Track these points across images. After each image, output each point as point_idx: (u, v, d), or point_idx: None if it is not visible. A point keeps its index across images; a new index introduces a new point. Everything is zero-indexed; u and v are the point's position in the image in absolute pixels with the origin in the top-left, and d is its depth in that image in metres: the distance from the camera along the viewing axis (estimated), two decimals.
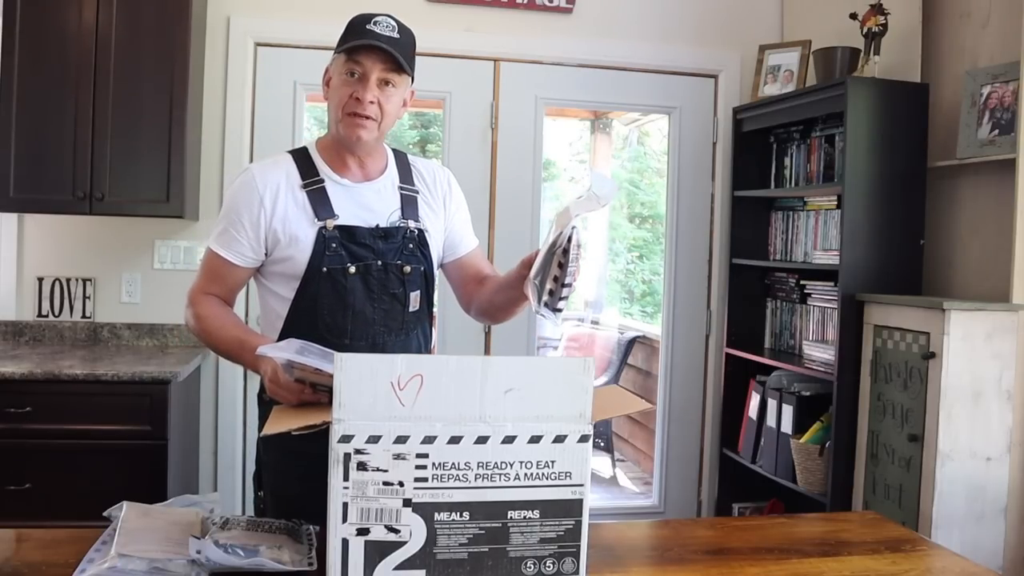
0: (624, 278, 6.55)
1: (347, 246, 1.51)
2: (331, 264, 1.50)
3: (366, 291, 1.52)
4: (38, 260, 2.90)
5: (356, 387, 0.97)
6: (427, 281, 1.60)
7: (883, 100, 2.60)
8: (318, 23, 3.00)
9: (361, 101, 1.48)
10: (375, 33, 1.46)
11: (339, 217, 1.52)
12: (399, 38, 1.49)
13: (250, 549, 1.18)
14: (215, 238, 1.54)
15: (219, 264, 1.54)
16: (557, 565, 1.05)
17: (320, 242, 1.50)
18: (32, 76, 2.58)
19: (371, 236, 1.53)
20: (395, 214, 1.57)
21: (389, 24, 1.49)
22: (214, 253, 1.54)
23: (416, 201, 1.60)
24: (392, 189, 1.59)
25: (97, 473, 2.36)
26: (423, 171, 1.65)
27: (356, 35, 1.48)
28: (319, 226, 1.50)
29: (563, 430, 1.03)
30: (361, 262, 1.51)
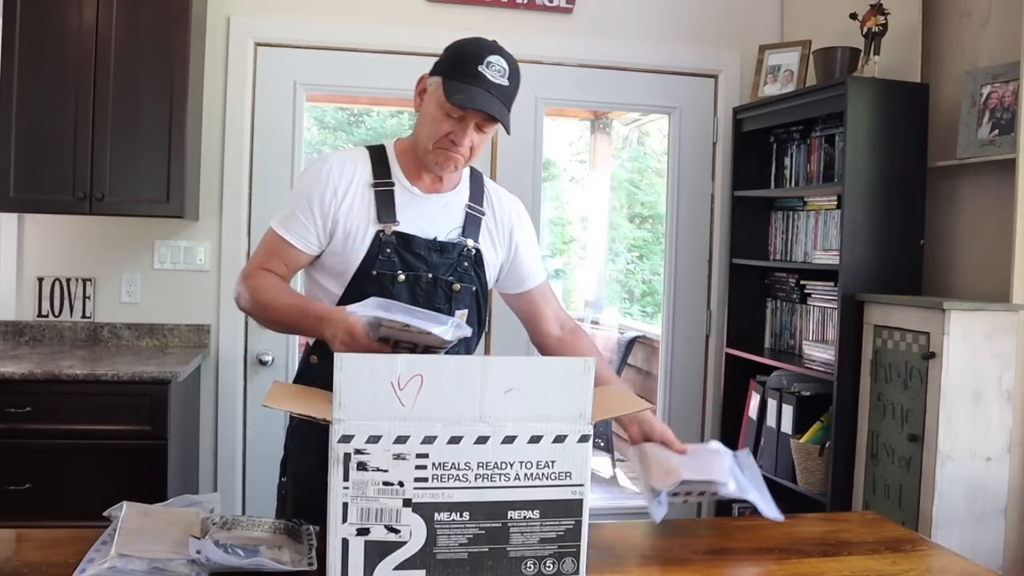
0: (624, 278, 6.55)
1: (401, 253, 1.50)
2: (382, 268, 1.50)
3: (412, 300, 1.51)
4: (38, 260, 2.90)
5: (356, 387, 0.97)
6: (478, 301, 1.59)
7: (883, 100, 2.60)
8: (318, 23, 3.00)
9: (456, 144, 1.47)
10: (484, 79, 1.43)
11: (400, 223, 1.51)
12: (507, 85, 1.46)
13: (250, 549, 1.18)
14: (280, 220, 1.54)
15: (279, 245, 1.53)
16: (557, 565, 1.05)
17: (376, 244, 1.50)
18: (32, 76, 2.58)
19: (427, 248, 1.52)
20: (455, 231, 1.56)
21: (500, 68, 1.45)
22: (276, 234, 1.53)
23: (480, 223, 1.60)
24: (459, 206, 1.58)
25: (97, 473, 2.36)
26: (494, 197, 1.64)
27: (463, 76, 1.44)
28: (378, 229, 1.50)
29: (563, 430, 1.03)
30: (412, 272, 1.51)
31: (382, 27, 3.04)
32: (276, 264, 1.54)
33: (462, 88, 1.43)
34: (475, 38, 1.51)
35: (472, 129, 1.47)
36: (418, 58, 3.07)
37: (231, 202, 2.97)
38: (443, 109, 1.46)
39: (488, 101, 1.44)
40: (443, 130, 1.47)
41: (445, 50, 1.53)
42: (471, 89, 1.43)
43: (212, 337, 2.97)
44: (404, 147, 1.58)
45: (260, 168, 3.02)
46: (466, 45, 1.48)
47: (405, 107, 5.41)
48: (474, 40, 1.50)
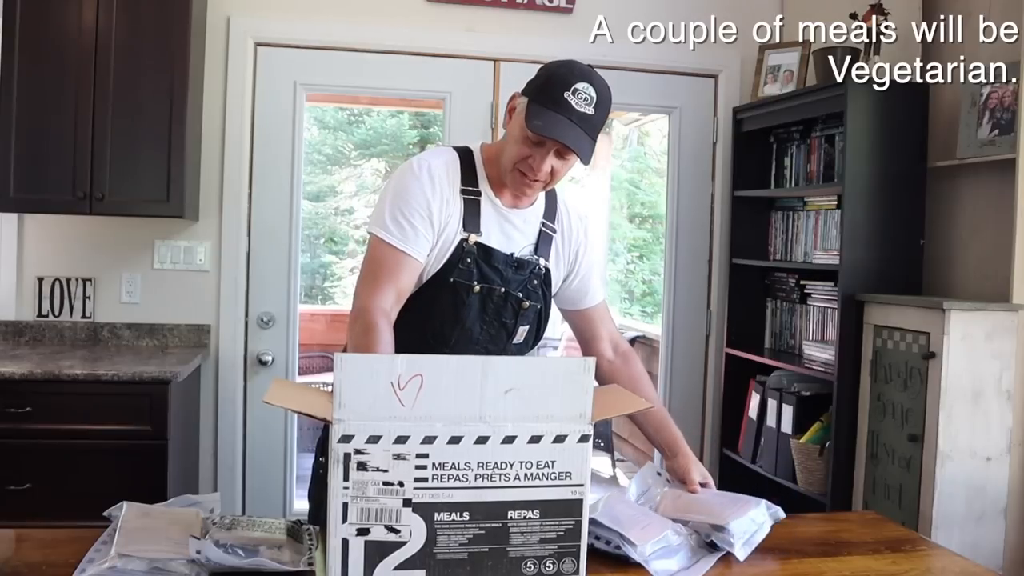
0: (624, 278, 6.55)
1: (480, 265, 1.49)
2: (459, 277, 1.48)
3: (481, 312, 1.51)
4: (38, 260, 2.90)
5: (356, 387, 0.97)
6: (540, 320, 1.59)
7: (883, 100, 2.60)
8: (318, 23, 3.00)
9: (534, 169, 1.45)
10: (569, 107, 1.39)
11: (483, 235, 1.50)
12: (592, 114, 1.41)
13: (250, 549, 1.18)
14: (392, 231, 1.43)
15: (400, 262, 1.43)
16: (557, 565, 1.05)
17: (458, 253, 1.48)
18: (32, 76, 2.58)
19: (504, 263, 1.51)
20: (529, 248, 1.55)
21: (587, 96, 1.40)
22: (393, 248, 1.43)
23: (551, 241, 1.59)
24: (535, 222, 1.57)
25: (97, 473, 2.36)
26: (564, 213, 1.62)
27: (548, 102, 1.41)
28: (462, 237, 1.48)
29: (563, 430, 1.03)
30: (487, 284, 1.50)
31: (382, 27, 3.04)
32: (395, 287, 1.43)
33: (543, 114, 1.40)
34: (569, 62, 1.46)
35: (552, 156, 1.44)
36: (418, 58, 3.09)
37: (231, 202, 2.97)
38: (524, 133, 1.43)
39: (566, 130, 1.40)
40: (523, 153, 1.44)
41: (540, 70, 1.49)
42: (552, 116, 1.40)
43: (212, 337, 2.97)
44: (490, 156, 1.54)
45: (260, 168, 3.01)
46: (557, 69, 1.44)
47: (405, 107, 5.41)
48: (567, 64, 1.45)
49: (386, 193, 1.50)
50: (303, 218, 3.10)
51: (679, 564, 1.24)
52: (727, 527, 1.30)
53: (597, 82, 1.43)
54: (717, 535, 1.31)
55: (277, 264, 3.01)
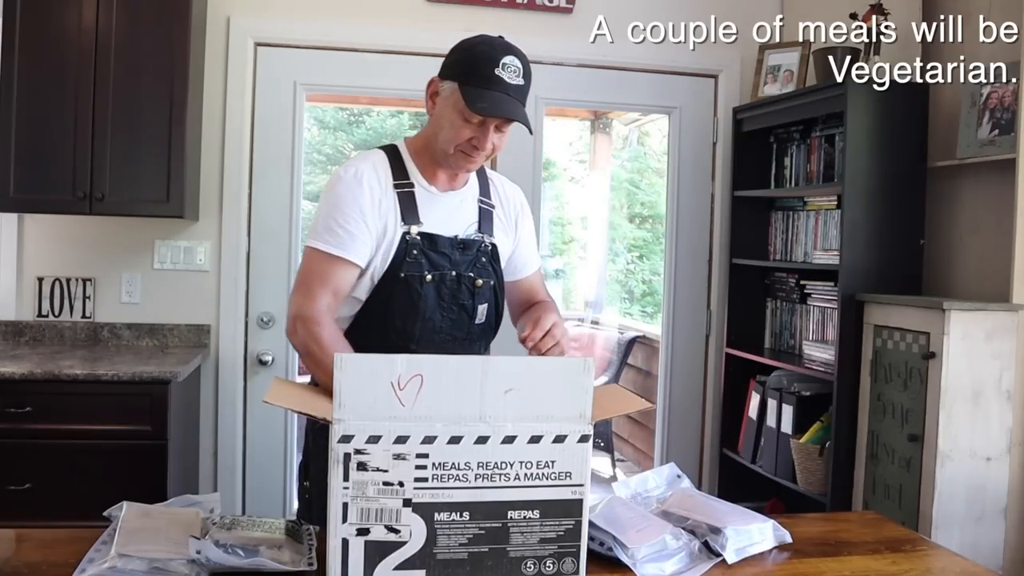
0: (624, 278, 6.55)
1: (427, 254, 1.51)
2: (409, 271, 1.49)
3: (438, 299, 1.52)
4: (38, 260, 2.90)
5: (356, 387, 0.97)
6: (496, 296, 1.61)
7: (883, 100, 2.60)
8: (318, 23, 3.00)
9: (479, 149, 1.48)
10: (503, 82, 1.43)
11: (424, 224, 1.51)
12: (523, 84, 1.46)
13: (250, 549, 1.18)
14: (326, 239, 1.46)
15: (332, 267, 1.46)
16: (557, 565, 1.05)
17: (402, 247, 1.49)
18: (32, 76, 2.57)
19: (450, 246, 1.53)
20: (472, 227, 1.58)
21: (515, 68, 1.45)
22: (326, 255, 1.46)
23: (492, 216, 1.61)
24: (472, 201, 1.60)
25: (97, 473, 2.36)
26: (499, 188, 1.65)
27: (481, 81, 1.44)
28: (404, 230, 1.50)
29: (563, 430, 1.03)
30: (437, 271, 1.51)
31: (382, 27, 3.04)
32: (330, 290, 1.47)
33: (484, 95, 1.43)
34: (485, 38, 1.49)
35: (492, 132, 1.48)
36: (418, 58, 3.08)
37: (231, 202, 2.97)
38: (463, 115, 1.45)
39: (511, 106, 1.44)
40: (464, 135, 1.47)
41: (454, 52, 1.51)
42: (492, 95, 1.43)
43: (212, 337, 2.97)
44: (418, 148, 1.57)
45: (260, 168, 3.01)
46: (478, 47, 1.47)
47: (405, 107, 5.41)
48: (485, 41, 1.48)
49: (320, 206, 1.53)
50: (303, 218, 3.10)
51: (673, 568, 1.23)
52: (723, 530, 1.30)
53: (517, 52, 1.47)
54: (712, 537, 1.30)
55: (277, 264, 3.01)
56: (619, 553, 1.22)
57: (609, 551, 1.23)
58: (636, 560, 1.22)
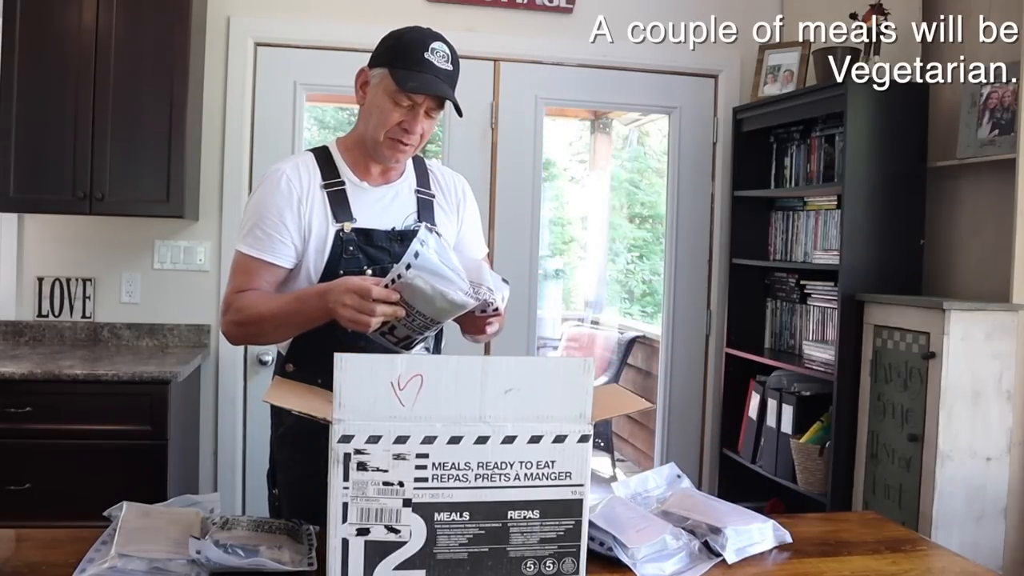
0: (624, 278, 6.54)
1: (364, 249, 1.51)
2: (348, 267, 1.49)
3: None
4: (38, 260, 2.90)
5: (356, 387, 0.97)
6: None
7: (883, 100, 2.60)
8: (318, 23, 3.00)
9: (409, 132, 1.49)
10: (432, 66, 1.46)
11: (357, 220, 1.52)
12: (451, 70, 1.49)
13: (250, 549, 1.18)
14: (251, 243, 1.50)
15: (254, 266, 1.50)
16: (557, 565, 1.05)
17: (337, 244, 1.50)
18: (32, 76, 2.57)
19: (387, 239, 1.53)
20: (411, 217, 1.57)
21: (444, 54, 1.48)
22: (251, 258, 1.50)
23: (432, 205, 1.61)
24: (409, 192, 1.60)
25: (97, 473, 2.36)
26: (439, 176, 1.65)
27: (411, 64, 1.46)
28: (336, 228, 1.50)
29: (563, 430, 1.03)
30: (377, 265, 1.51)
31: (382, 27, 2.98)
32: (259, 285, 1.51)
33: (413, 76, 1.45)
34: (412, 27, 1.52)
35: (422, 115, 1.49)
36: None
37: (231, 202, 2.97)
38: (392, 99, 1.47)
39: (440, 86, 1.47)
40: (394, 119, 1.48)
41: (383, 41, 1.53)
42: (422, 76, 1.45)
43: (212, 337, 2.97)
44: (348, 144, 1.58)
45: (260, 168, 3.01)
46: (408, 34, 1.50)
47: None
48: (413, 28, 1.51)
49: (245, 209, 1.57)
50: None
51: (673, 568, 1.23)
52: (723, 530, 1.30)
53: (445, 40, 1.51)
54: (712, 536, 1.30)
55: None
56: (619, 553, 1.22)
57: (609, 551, 1.23)
58: (636, 560, 1.22)
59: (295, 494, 1.56)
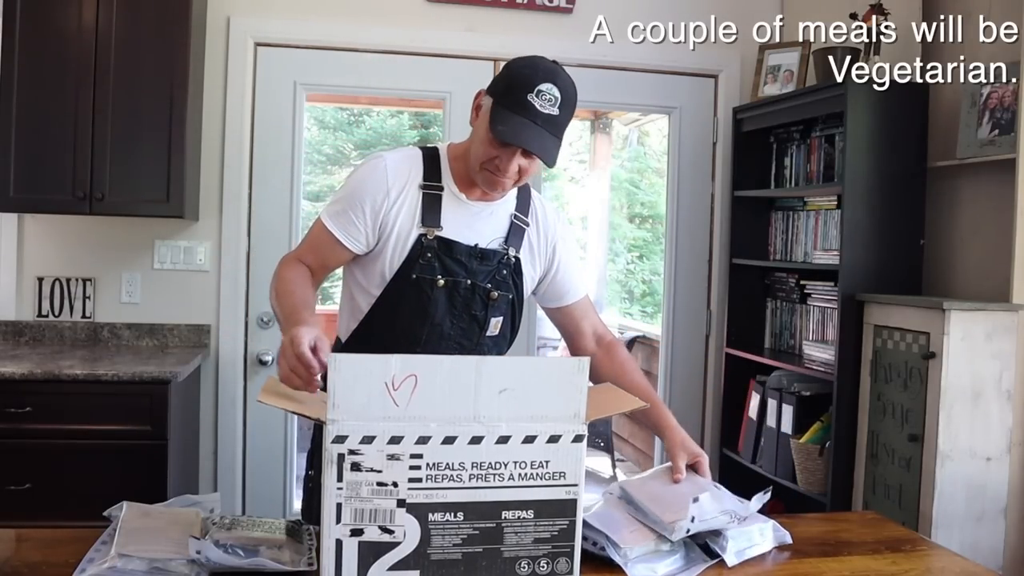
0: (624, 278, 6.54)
1: (442, 258, 1.50)
2: (421, 273, 1.49)
3: (449, 306, 1.51)
4: (38, 260, 2.91)
5: (350, 387, 0.97)
6: (513, 309, 1.59)
7: (883, 100, 2.60)
8: (318, 23, 3.00)
9: (500, 171, 1.45)
10: (533, 110, 1.39)
11: (443, 228, 1.50)
12: (557, 115, 1.42)
13: (250, 549, 1.18)
14: (331, 215, 1.51)
15: (327, 240, 1.51)
16: (551, 565, 1.05)
17: (417, 248, 1.49)
18: (32, 76, 2.58)
19: (468, 254, 1.51)
20: (498, 239, 1.56)
21: (551, 97, 1.40)
22: (325, 228, 1.51)
23: (523, 234, 1.58)
24: (505, 215, 1.57)
25: (97, 473, 2.36)
26: (539, 211, 1.62)
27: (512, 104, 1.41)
28: (421, 232, 1.49)
29: (557, 430, 1.03)
30: (451, 277, 1.50)
31: (382, 27, 3.04)
32: (317, 258, 1.52)
33: (507, 119, 1.41)
34: (534, 60, 1.46)
35: (518, 156, 1.44)
36: (418, 58, 3.09)
37: (231, 202, 2.97)
38: (489, 135, 1.44)
39: (529, 135, 1.40)
40: (489, 154, 1.45)
41: (504, 67, 1.49)
42: (515, 120, 1.40)
43: (212, 337, 2.98)
44: (457, 153, 1.56)
45: (260, 168, 3.02)
46: (521, 69, 1.44)
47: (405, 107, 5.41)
48: (531, 63, 1.45)
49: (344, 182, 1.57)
50: (303, 218, 3.10)
51: (665, 569, 1.23)
52: (724, 531, 1.29)
53: (562, 81, 1.43)
54: (712, 538, 1.30)
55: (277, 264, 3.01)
56: (611, 553, 1.22)
57: (602, 551, 1.23)
58: (628, 560, 1.22)
59: None
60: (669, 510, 1.28)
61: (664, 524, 1.26)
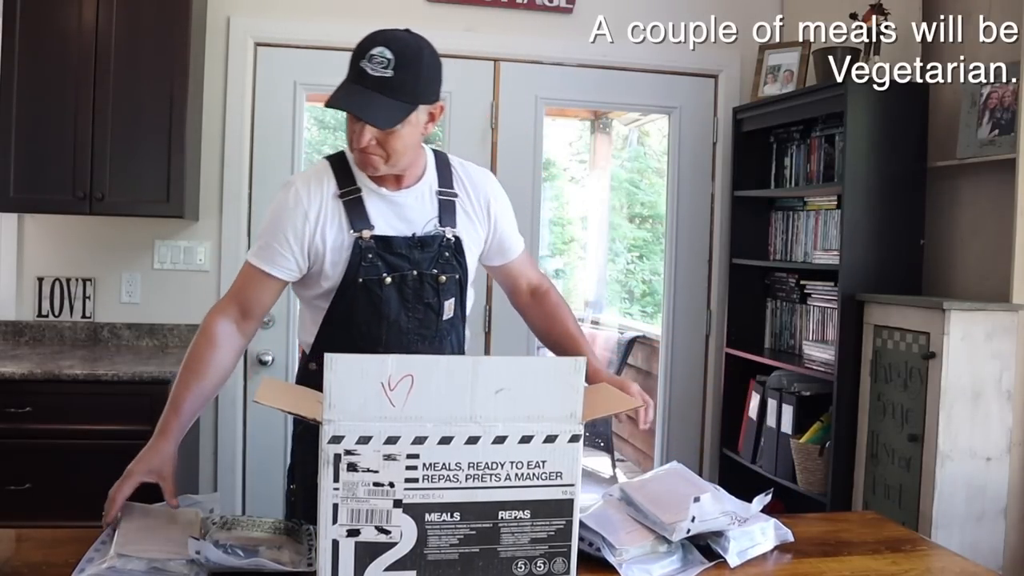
0: (624, 278, 6.54)
1: (383, 256, 1.50)
2: (367, 275, 1.49)
3: (401, 300, 1.51)
4: (38, 260, 2.91)
5: (346, 387, 0.97)
6: (461, 289, 1.59)
7: (883, 100, 2.60)
8: (318, 23, 3.00)
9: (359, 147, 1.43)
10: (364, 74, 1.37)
11: (375, 227, 1.50)
12: (391, 76, 1.37)
13: (250, 549, 1.18)
14: (256, 253, 1.51)
15: (257, 278, 1.51)
16: (548, 565, 1.05)
17: (356, 253, 1.48)
18: (32, 76, 2.58)
19: (407, 246, 1.51)
20: (432, 222, 1.55)
21: (383, 60, 1.38)
22: (253, 267, 1.51)
23: (454, 207, 1.58)
24: (430, 195, 1.56)
25: (97, 473, 2.32)
26: (464, 175, 1.61)
27: (349, 74, 1.40)
28: (355, 237, 1.49)
29: (554, 430, 1.03)
30: (397, 272, 1.50)
31: (382, 27, 3.03)
32: (252, 296, 1.51)
33: (340, 87, 1.40)
34: (377, 31, 1.44)
35: (367, 129, 1.41)
36: None
37: (231, 202, 2.97)
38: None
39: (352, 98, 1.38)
40: (349, 132, 1.45)
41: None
42: (344, 87, 1.39)
43: None
44: None
45: (260, 168, 3.02)
46: (362, 40, 1.43)
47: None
48: (372, 33, 1.43)
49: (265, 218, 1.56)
50: None
51: (664, 570, 1.23)
52: (726, 532, 1.29)
53: (397, 43, 1.40)
54: (713, 539, 1.30)
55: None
56: (606, 554, 1.22)
57: (597, 551, 1.23)
58: (623, 561, 1.21)
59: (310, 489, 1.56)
60: (669, 511, 1.28)
61: (664, 524, 1.26)
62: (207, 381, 1.45)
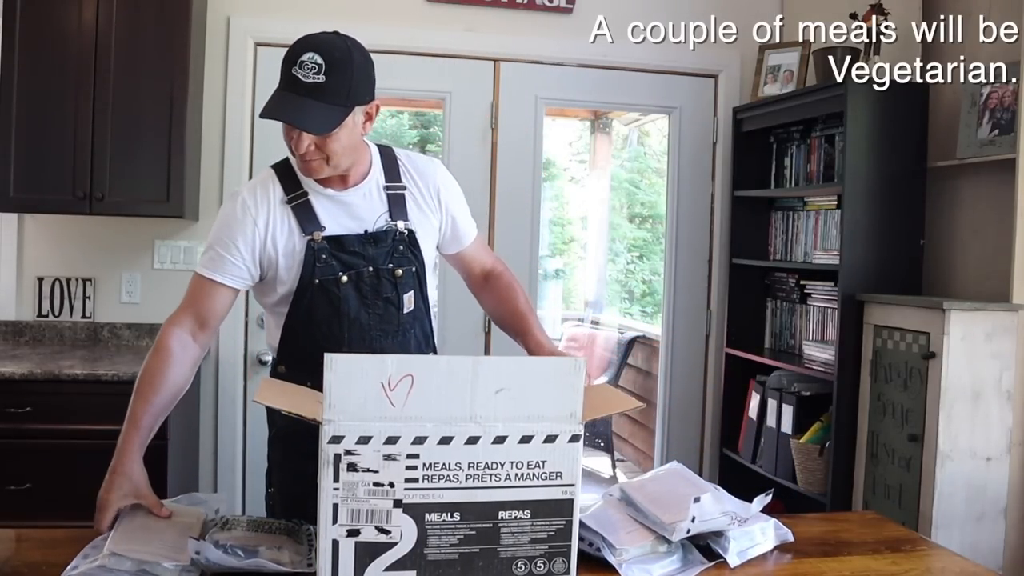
0: (624, 278, 6.54)
1: (337, 256, 1.50)
2: (323, 275, 1.49)
3: (359, 298, 1.52)
4: (38, 260, 2.91)
5: (346, 387, 0.97)
6: (420, 281, 1.59)
7: (883, 100, 2.60)
8: (318, 23, 2.97)
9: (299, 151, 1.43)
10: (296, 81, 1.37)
11: (326, 228, 1.50)
12: (324, 81, 1.36)
13: (250, 550, 1.18)
14: (205, 264, 1.50)
15: (208, 288, 1.49)
16: (548, 565, 1.05)
17: (310, 255, 1.49)
18: (32, 76, 2.58)
19: (360, 243, 1.52)
20: (383, 218, 1.55)
21: (314, 65, 1.36)
22: (203, 278, 1.50)
23: (404, 200, 1.58)
24: (378, 191, 1.56)
25: (97, 473, 2.32)
26: (411, 167, 1.60)
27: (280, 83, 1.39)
28: (307, 239, 1.49)
29: (554, 430, 1.03)
30: (352, 270, 1.51)
31: (382, 27, 3.04)
32: (205, 307, 1.50)
33: (273, 97, 1.40)
34: (306, 36, 1.42)
35: (304, 136, 1.40)
36: (418, 58, 3.08)
37: None
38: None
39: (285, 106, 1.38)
40: (287, 139, 1.45)
41: None
42: (277, 96, 1.39)
43: None
44: None
45: (260, 168, 3.00)
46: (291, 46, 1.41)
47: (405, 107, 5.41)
48: (301, 39, 1.42)
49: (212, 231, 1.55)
50: None
51: (664, 570, 1.23)
52: (726, 532, 1.29)
53: (327, 47, 1.38)
54: (714, 539, 1.30)
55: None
56: (606, 554, 1.22)
57: (597, 551, 1.23)
58: (623, 561, 1.21)
59: (287, 494, 1.56)
60: (669, 511, 1.28)
61: (664, 524, 1.26)
62: (164, 394, 1.45)
